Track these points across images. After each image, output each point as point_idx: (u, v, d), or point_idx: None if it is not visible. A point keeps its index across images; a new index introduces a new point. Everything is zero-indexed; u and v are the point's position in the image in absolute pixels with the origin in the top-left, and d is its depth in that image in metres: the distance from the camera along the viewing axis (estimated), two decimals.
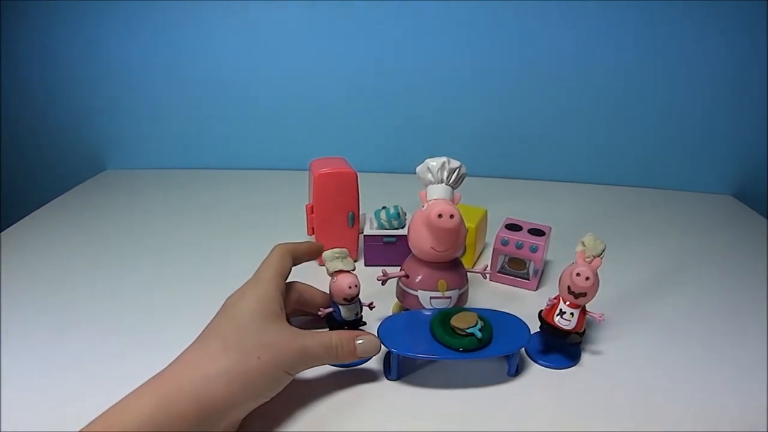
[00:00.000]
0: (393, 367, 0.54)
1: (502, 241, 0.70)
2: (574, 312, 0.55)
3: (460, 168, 0.57)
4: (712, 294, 0.74)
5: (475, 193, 0.83)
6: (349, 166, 0.72)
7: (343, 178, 0.70)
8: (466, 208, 0.76)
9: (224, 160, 1.17)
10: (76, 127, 1.14)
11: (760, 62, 1.01)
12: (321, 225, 0.72)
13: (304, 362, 0.49)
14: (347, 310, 0.56)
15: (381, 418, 0.50)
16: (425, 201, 0.57)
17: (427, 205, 0.56)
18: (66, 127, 1.14)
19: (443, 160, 0.56)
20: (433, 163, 0.56)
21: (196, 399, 0.41)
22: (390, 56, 1.06)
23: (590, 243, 0.54)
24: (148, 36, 1.05)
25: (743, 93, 1.04)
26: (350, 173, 0.70)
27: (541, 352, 0.59)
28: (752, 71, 1.02)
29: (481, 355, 0.52)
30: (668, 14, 0.99)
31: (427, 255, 0.57)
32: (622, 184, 1.14)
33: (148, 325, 0.63)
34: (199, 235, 0.86)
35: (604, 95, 1.07)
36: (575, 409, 0.52)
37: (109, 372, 0.55)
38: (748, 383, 0.56)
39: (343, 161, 0.73)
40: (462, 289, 0.60)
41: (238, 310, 0.48)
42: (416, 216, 0.58)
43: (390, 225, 0.74)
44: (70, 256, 0.79)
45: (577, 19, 1.01)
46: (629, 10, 0.99)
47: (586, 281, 0.53)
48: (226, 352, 0.44)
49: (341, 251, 0.56)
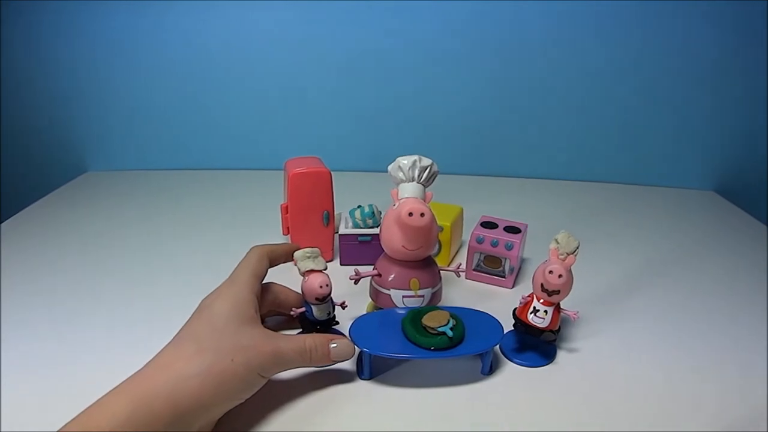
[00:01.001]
0: (365, 366, 0.54)
1: (477, 239, 0.70)
2: (548, 310, 0.55)
3: (431, 166, 0.57)
4: (692, 289, 0.74)
5: (451, 191, 0.83)
6: (324, 165, 0.72)
7: (317, 177, 0.70)
8: (441, 206, 0.76)
9: (204, 160, 1.16)
10: (57, 129, 1.13)
11: (741, 57, 1.01)
12: (296, 225, 0.72)
13: (277, 365, 0.49)
14: (319, 310, 0.56)
15: (354, 419, 0.50)
16: (397, 199, 0.57)
17: (398, 204, 0.56)
18: (47, 129, 1.13)
19: (414, 158, 0.56)
20: (404, 162, 0.56)
21: (170, 400, 0.41)
22: (364, 55, 1.06)
23: (564, 240, 0.54)
24: (129, 37, 1.04)
25: (724, 88, 1.04)
26: (324, 172, 0.70)
27: (516, 351, 0.58)
28: (733, 66, 1.03)
29: (453, 354, 0.52)
30: (647, 10, 0.99)
31: (398, 254, 0.57)
32: (602, 180, 1.15)
33: (128, 326, 0.63)
34: (178, 236, 0.85)
35: (582, 91, 1.07)
36: (551, 408, 0.52)
37: (89, 374, 0.54)
38: (726, 379, 0.56)
39: (318, 161, 0.73)
40: (435, 288, 0.60)
41: (213, 312, 0.48)
42: (388, 215, 0.57)
43: (365, 224, 0.73)
44: (52, 259, 0.78)
45: (554, 16, 1.01)
46: (607, 7, 0.99)
47: (559, 279, 0.53)
48: (200, 353, 0.44)
49: (312, 251, 0.56)
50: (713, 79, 1.04)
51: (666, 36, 1.01)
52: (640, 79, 1.05)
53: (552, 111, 1.09)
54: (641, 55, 1.03)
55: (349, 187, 0.80)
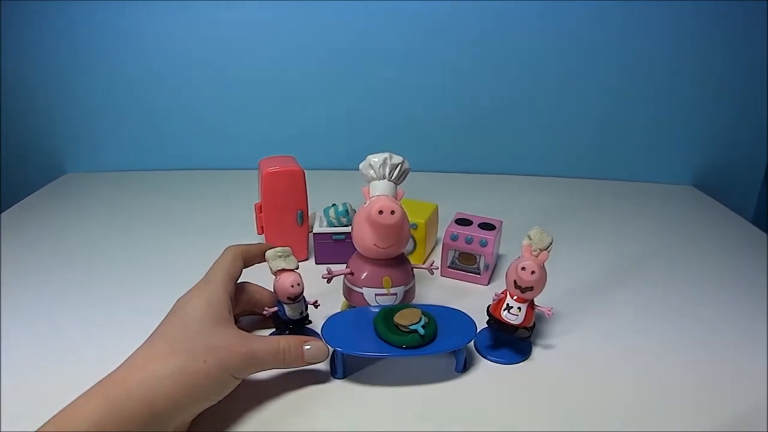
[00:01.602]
0: (338, 365, 0.54)
1: (452, 236, 0.70)
2: (522, 306, 0.55)
3: (402, 163, 0.56)
4: (671, 284, 0.74)
5: (426, 188, 0.83)
6: (297, 164, 0.71)
7: (290, 176, 0.70)
8: (416, 203, 0.76)
9: (181, 161, 1.16)
10: (34, 131, 1.12)
11: (719, 52, 1.02)
12: (270, 224, 0.72)
13: (251, 366, 0.49)
14: (291, 309, 0.56)
15: (329, 418, 0.49)
16: (368, 198, 0.56)
17: (369, 202, 0.55)
18: (25, 131, 1.12)
19: (385, 156, 0.56)
20: (374, 159, 0.56)
21: (144, 400, 0.41)
22: (337, 54, 1.06)
23: (536, 236, 0.53)
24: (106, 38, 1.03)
25: (702, 83, 1.05)
26: (298, 171, 0.70)
27: (490, 348, 0.58)
28: (710, 61, 1.03)
29: (425, 351, 0.52)
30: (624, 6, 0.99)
31: (370, 252, 0.57)
32: (580, 176, 1.15)
33: (109, 327, 0.62)
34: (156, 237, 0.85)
35: (559, 86, 1.07)
36: (525, 405, 0.52)
37: (65, 376, 0.54)
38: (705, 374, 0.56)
39: (292, 159, 0.73)
40: (408, 286, 0.59)
41: (186, 312, 0.48)
42: (359, 213, 0.57)
43: (339, 222, 0.73)
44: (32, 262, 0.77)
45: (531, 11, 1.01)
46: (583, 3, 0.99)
47: (531, 275, 0.52)
48: (173, 354, 0.44)
49: (284, 250, 0.56)
50: (691, 74, 1.04)
51: (643, 31, 1.01)
52: (618, 74, 1.05)
53: (529, 107, 1.09)
54: (619, 49, 1.03)
55: (323, 185, 0.80)
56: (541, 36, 1.03)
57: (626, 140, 1.11)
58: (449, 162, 1.16)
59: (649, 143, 1.11)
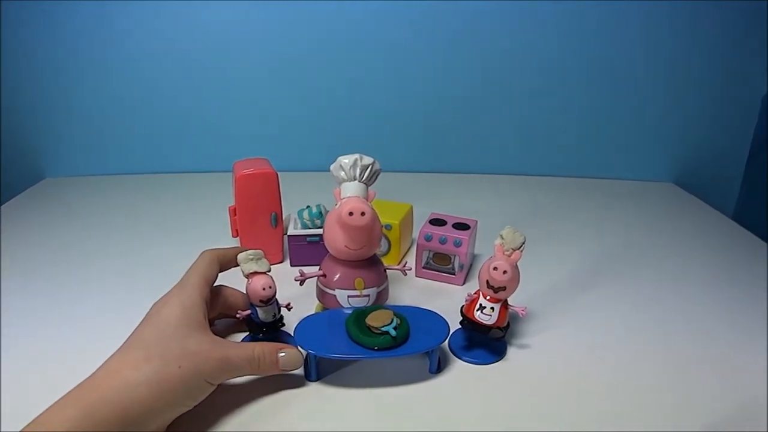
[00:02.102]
0: (312, 368, 0.54)
1: (426, 237, 0.70)
2: (495, 306, 0.54)
3: (373, 164, 0.56)
4: (652, 282, 0.74)
5: (401, 188, 0.83)
6: (271, 166, 0.71)
7: (264, 178, 0.69)
8: (391, 204, 0.76)
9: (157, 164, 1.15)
10: (13, 136, 1.11)
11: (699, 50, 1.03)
12: (245, 227, 0.72)
13: (226, 372, 0.49)
14: (264, 312, 0.55)
15: (303, 420, 0.49)
16: (339, 199, 0.56)
17: (339, 204, 0.55)
18: (3, 136, 1.11)
19: (355, 157, 0.55)
20: (345, 161, 0.56)
21: (119, 406, 0.41)
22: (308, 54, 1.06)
23: (509, 236, 0.53)
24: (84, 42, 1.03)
25: (682, 80, 1.05)
26: (271, 173, 0.70)
27: (465, 348, 0.58)
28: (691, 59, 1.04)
29: (397, 353, 0.52)
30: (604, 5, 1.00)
31: (341, 253, 0.56)
32: (559, 174, 1.15)
33: (87, 332, 0.62)
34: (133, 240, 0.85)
35: (537, 84, 1.07)
36: (500, 405, 0.52)
37: (46, 381, 0.53)
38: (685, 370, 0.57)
39: (266, 162, 0.72)
40: (380, 287, 0.59)
41: (161, 318, 0.48)
42: (330, 215, 0.57)
43: (313, 224, 0.73)
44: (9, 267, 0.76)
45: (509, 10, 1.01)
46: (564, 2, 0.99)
47: (503, 275, 0.52)
48: (148, 360, 0.44)
49: (255, 252, 0.55)
50: (672, 71, 1.05)
51: (623, 28, 1.02)
52: (597, 72, 1.05)
53: (505, 104, 1.09)
54: (598, 47, 1.03)
55: (297, 187, 0.81)
56: (518, 34, 1.03)
57: (606, 138, 1.11)
58: (424, 162, 1.15)
59: (629, 141, 1.11)
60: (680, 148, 1.12)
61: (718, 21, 1.00)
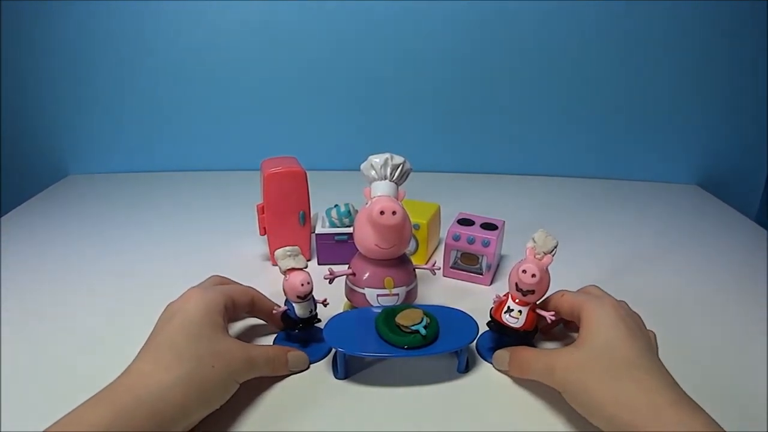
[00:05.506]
0: (340, 366, 0.54)
1: (454, 237, 0.70)
2: (522, 310, 0.54)
3: (404, 164, 0.56)
4: (676, 283, 0.74)
5: (429, 188, 0.83)
6: (299, 165, 0.71)
7: (292, 177, 0.70)
8: (419, 204, 0.76)
9: (182, 162, 1.16)
10: (37, 133, 1.13)
11: (724, 52, 1.02)
12: (272, 225, 0.72)
13: (250, 372, 0.51)
14: (301, 308, 0.56)
15: (329, 418, 0.50)
16: (369, 198, 0.56)
17: (370, 203, 0.55)
18: (27, 133, 1.13)
19: (386, 156, 0.55)
20: (376, 160, 0.56)
21: (153, 409, 0.41)
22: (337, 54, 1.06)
23: (541, 239, 0.52)
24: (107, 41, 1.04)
25: (706, 82, 1.05)
26: (299, 172, 0.70)
27: (492, 350, 0.57)
28: (716, 61, 1.03)
29: (427, 352, 0.52)
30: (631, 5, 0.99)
31: (372, 252, 0.57)
32: (584, 176, 1.15)
33: (112, 328, 0.62)
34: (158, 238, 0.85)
35: (564, 86, 1.07)
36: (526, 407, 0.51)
37: (66, 378, 0.54)
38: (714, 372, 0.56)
39: (294, 160, 0.72)
40: (410, 286, 0.59)
41: (186, 317, 0.49)
42: (360, 213, 0.57)
43: (341, 223, 0.73)
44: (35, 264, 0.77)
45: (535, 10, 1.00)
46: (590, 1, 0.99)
47: (532, 278, 0.51)
48: (180, 361, 0.45)
49: (292, 249, 0.56)
50: (697, 74, 1.04)
51: (649, 30, 1.01)
52: (623, 74, 1.05)
53: (532, 106, 1.09)
54: (623, 48, 1.03)
55: (325, 186, 0.81)
56: (545, 35, 1.02)
57: (630, 140, 1.11)
58: (452, 162, 1.16)
59: (653, 143, 1.11)
60: (704, 151, 1.11)
61: (743, 23, 0.99)
